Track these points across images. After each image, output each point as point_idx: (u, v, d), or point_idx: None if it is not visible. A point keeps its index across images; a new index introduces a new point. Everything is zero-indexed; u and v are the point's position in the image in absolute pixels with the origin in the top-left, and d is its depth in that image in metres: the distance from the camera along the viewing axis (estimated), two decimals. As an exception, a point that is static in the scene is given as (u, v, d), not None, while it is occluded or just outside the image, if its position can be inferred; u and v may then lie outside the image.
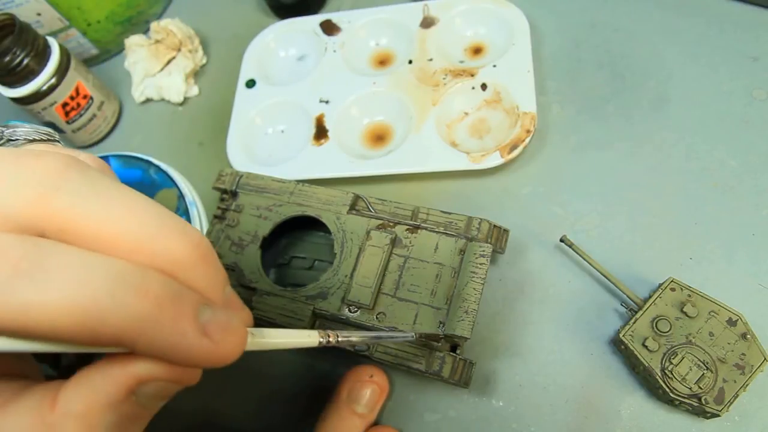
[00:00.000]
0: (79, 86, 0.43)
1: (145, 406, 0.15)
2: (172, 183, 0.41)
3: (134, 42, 0.48)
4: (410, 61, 0.43)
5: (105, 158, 0.44)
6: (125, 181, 0.42)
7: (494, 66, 0.40)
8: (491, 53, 0.42)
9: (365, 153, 0.41)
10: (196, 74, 0.49)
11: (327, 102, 0.43)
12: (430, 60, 0.42)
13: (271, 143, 0.44)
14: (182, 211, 0.40)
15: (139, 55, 0.48)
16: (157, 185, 0.41)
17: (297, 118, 0.43)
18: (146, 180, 0.42)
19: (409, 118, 0.40)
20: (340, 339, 0.20)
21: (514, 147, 0.37)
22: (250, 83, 0.45)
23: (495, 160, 0.36)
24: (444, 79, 0.41)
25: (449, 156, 0.38)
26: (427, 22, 0.44)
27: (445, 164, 0.38)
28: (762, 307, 0.31)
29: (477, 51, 0.43)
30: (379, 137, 0.42)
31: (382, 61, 0.45)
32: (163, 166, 0.42)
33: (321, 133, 0.42)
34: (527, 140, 0.36)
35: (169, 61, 0.48)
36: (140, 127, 0.48)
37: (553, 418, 0.31)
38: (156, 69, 0.47)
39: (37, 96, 0.41)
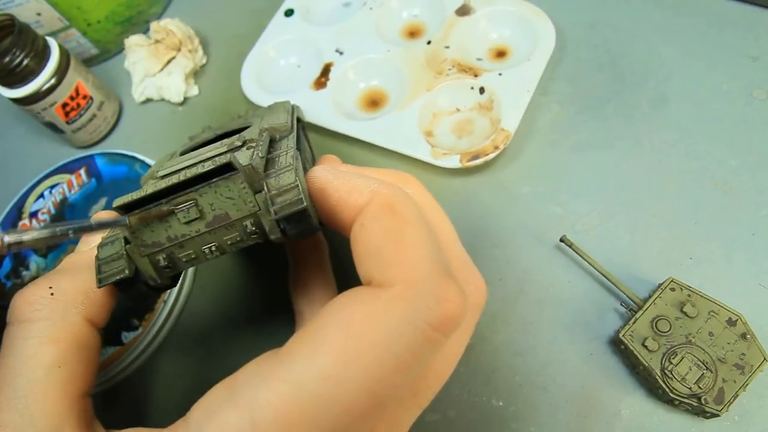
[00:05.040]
0: (78, 86, 0.43)
1: None
2: None
3: (134, 42, 0.48)
4: (429, 42, 0.43)
5: (91, 157, 0.45)
6: (112, 177, 0.43)
7: (500, 74, 0.40)
8: (512, 61, 0.41)
9: (354, 113, 0.42)
10: (196, 74, 0.49)
11: (341, 53, 0.44)
12: (447, 47, 0.42)
13: (284, 74, 0.46)
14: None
15: (139, 55, 0.48)
16: None
17: (310, 59, 0.45)
18: (132, 174, 0.43)
19: (403, 95, 0.41)
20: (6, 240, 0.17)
21: (475, 157, 0.36)
22: (289, 12, 0.47)
23: (453, 162, 0.37)
24: (449, 70, 0.41)
25: (414, 142, 0.38)
26: (464, 11, 0.43)
27: (406, 149, 0.38)
28: (762, 307, 0.31)
29: (500, 54, 0.42)
30: (374, 102, 0.43)
31: (411, 33, 0.45)
32: (148, 160, 0.43)
33: (322, 80, 0.43)
34: (492, 155, 0.36)
35: (169, 61, 0.48)
36: (140, 127, 0.48)
37: (553, 418, 0.31)
38: (156, 69, 0.47)
39: (37, 96, 0.41)
